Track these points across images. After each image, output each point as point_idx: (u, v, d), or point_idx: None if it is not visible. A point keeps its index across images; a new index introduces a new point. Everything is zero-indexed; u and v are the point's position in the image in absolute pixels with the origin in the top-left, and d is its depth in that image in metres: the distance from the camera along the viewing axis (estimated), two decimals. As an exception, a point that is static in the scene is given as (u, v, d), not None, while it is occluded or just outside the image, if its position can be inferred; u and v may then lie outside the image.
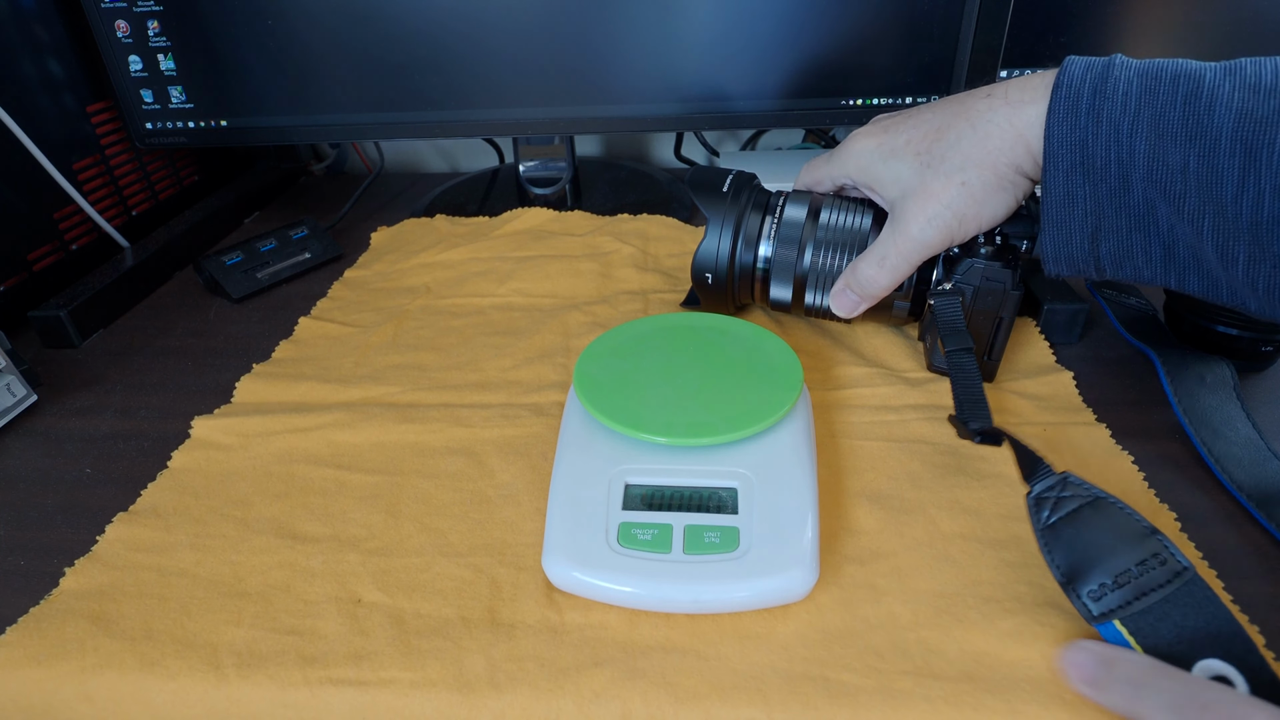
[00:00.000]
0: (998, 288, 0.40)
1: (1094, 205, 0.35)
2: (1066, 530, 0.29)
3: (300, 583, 0.34)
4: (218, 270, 0.58)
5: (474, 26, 0.60)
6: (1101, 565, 0.28)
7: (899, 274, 0.41)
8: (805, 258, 0.44)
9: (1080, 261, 0.37)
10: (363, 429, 0.42)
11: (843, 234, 0.44)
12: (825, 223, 0.44)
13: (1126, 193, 0.34)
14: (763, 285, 0.46)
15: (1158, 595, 0.27)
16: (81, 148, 0.62)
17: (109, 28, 0.61)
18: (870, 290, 0.42)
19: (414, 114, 0.64)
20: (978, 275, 0.40)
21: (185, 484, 0.40)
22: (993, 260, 0.40)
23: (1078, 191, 0.35)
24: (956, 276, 0.41)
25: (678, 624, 0.31)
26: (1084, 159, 0.34)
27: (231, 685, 0.30)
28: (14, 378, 0.46)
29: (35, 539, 0.37)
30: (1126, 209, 0.34)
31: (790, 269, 0.45)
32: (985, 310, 0.41)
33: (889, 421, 0.41)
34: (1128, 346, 0.48)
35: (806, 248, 0.44)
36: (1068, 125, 0.34)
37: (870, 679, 0.29)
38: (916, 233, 0.39)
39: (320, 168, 0.86)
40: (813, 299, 0.45)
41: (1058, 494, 0.30)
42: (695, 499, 0.33)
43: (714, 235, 0.45)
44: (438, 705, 0.29)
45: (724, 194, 0.45)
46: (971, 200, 0.38)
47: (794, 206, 0.45)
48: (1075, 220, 0.35)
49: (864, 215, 0.44)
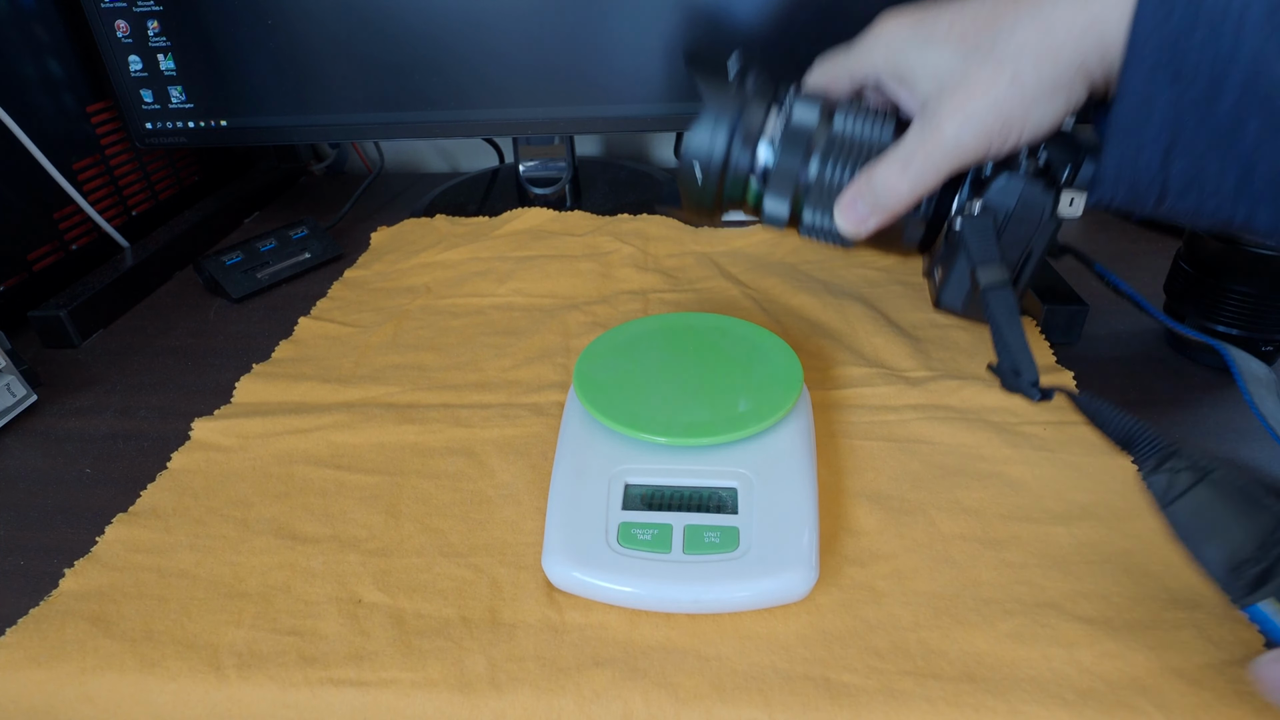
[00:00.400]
0: (1034, 214, 0.35)
1: (1174, 115, 0.30)
2: (1193, 506, 0.27)
3: (300, 583, 0.34)
4: (218, 270, 0.58)
5: (474, 26, 0.60)
6: (1236, 540, 0.26)
7: (923, 183, 0.34)
8: (811, 168, 0.37)
9: (1145, 184, 0.31)
10: (363, 429, 0.42)
11: (859, 145, 0.37)
12: (840, 130, 0.37)
13: (1214, 102, 0.29)
14: (758, 194, 0.39)
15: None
16: (81, 148, 0.62)
17: (109, 28, 0.61)
18: (886, 200, 0.35)
19: (414, 114, 0.64)
20: (1014, 196, 0.34)
21: (185, 484, 0.40)
22: (1034, 179, 0.34)
23: (1158, 96, 0.29)
24: (988, 196, 0.35)
25: (678, 624, 0.31)
26: (1173, 58, 0.29)
27: (232, 686, 0.30)
28: (14, 378, 0.46)
29: (35, 539, 0.37)
30: (1209, 122, 0.29)
31: (792, 180, 0.37)
32: (1014, 241, 0.35)
33: (889, 421, 0.41)
34: (1127, 347, 0.48)
35: (813, 156, 0.37)
36: (1160, 15, 0.29)
37: (871, 679, 0.29)
38: (951, 133, 0.33)
39: (320, 168, 0.86)
40: (813, 218, 0.38)
41: (1174, 466, 0.28)
42: (695, 499, 0.33)
43: (709, 123, 0.37)
44: (438, 705, 0.29)
45: (727, 75, 0.38)
46: (1022, 99, 0.32)
47: (804, 106, 0.38)
48: (1150, 131, 0.30)
49: (887, 125, 0.37)
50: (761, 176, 0.38)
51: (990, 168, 0.35)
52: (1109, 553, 0.33)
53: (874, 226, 0.36)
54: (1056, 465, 0.38)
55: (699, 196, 0.39)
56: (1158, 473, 0.28)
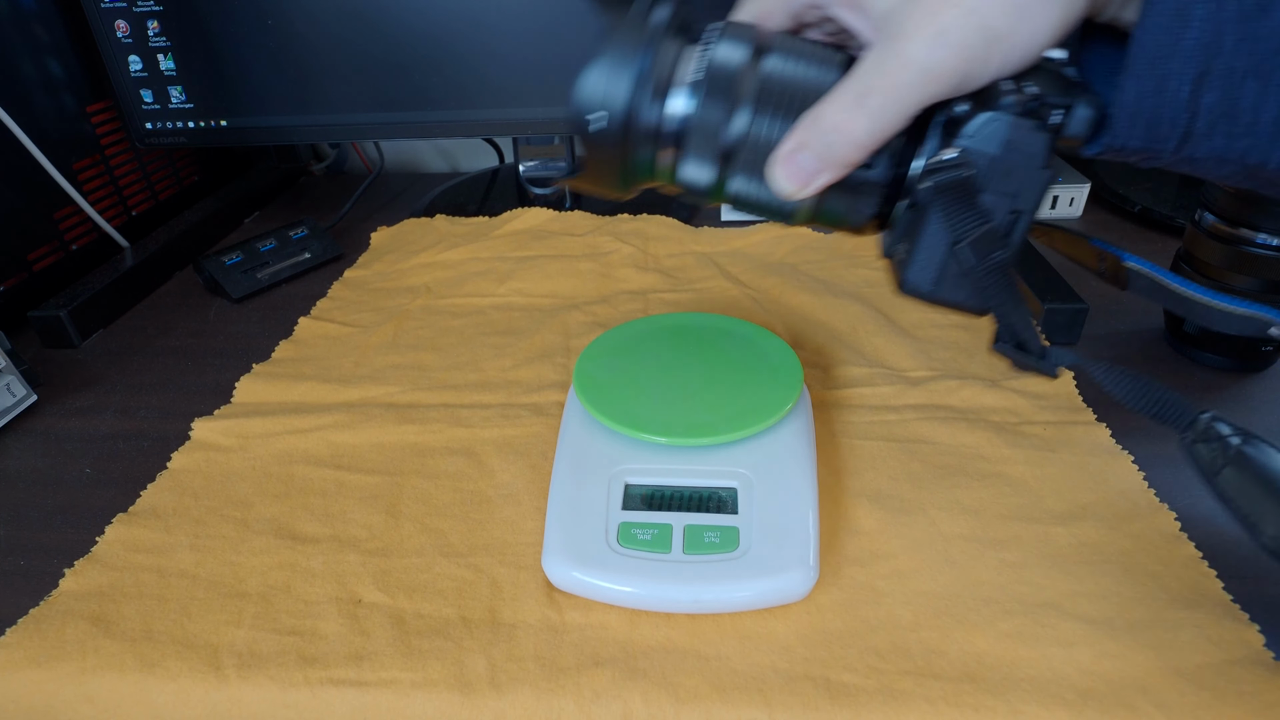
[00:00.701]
0: (1025, 162, 0.27)
1: (1213, 32, 0.24)
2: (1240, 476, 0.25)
3: (300, 583, 0.34)
4: (218, 270, 0.58)
5: (474, 26, 0.60)
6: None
7: (885, 122, 0.27)
8: (738, 121, 0.29)
9: (1169, 121, 0.26)
10: (363, 429, 0.42)
11: (799, 89, 0.29)
12: (773, 71, 0.29)
13: (1265, 15, 0.23)
14: (673, 154, 0.31)
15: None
16: (81, 148, 0.62)
17: (109, 28, 0.61)
18: (838, 147, 0.27)
19: (414, 114, 0.64)
20: (997, 138, 0.27)
21: (185, 485, 0.40)
22: (1023, 117, 0.27)
23: (1196, 10, 0.24)
24: (964, 141, 0.27)
25: (678, 624, 0.31)
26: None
27: (232, 686, 0.30)
28: (14, 378, 0.46)
29: (35, 539, 0.37)
30: (1254, 40, 0.24)
31: (714, 137, 0.30)
32: (1000, 198, 0.28)
33: (889, 421, 0.41)
34: (1127, 347, 0.48)
35: (742, 106, 0.29)
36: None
37: (871, 679, 0.29)
38: (919, 53, 0.25)
39: (320, 168, 0.86)
40: (743, 185, 0.30)
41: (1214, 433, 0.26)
42: (695, 499, 0.33)
43: (608, 64, 0.29)
44: (438, 705, 0.29)
45: (631, 3, 0.30)
46: (1009, 5, 0.25)
47: (730, 44, 0.29)
48: (1181, 54, 0.24)
49: (832, 65, 0.29)
50: (677, 132, 0.30)
51: (966, 105, 0.27)
52: (1109, 553, 0.33)
53: (823, 184, 0.28)
54: (1056, 465, 0.38)
55: (600, 157, 0.31)
56: (1200, 442, 0.26)
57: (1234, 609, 0.31)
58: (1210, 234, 0.43)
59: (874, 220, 0.31)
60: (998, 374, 0.45)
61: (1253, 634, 0.30)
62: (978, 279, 0.28)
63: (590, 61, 0.29)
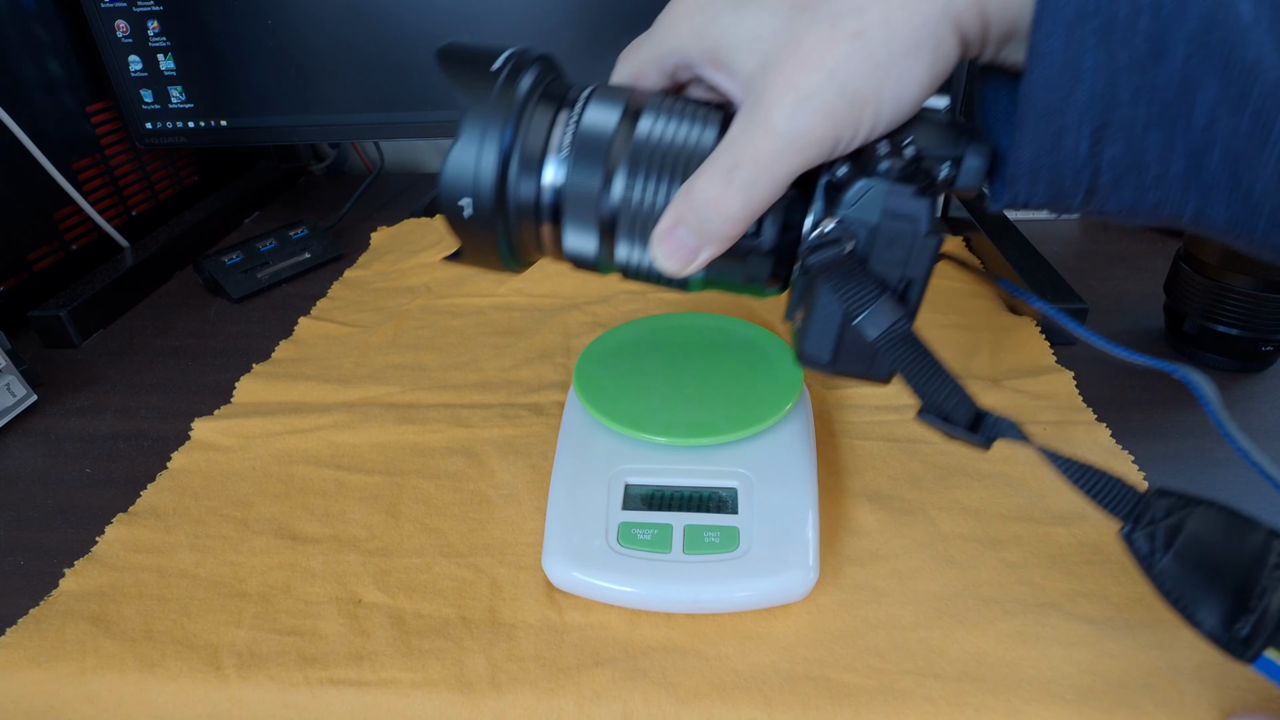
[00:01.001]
0: (906, 229, 0.25)
1: (1106, 83, 0.23)
2: (1178, 564, 0.24)
3: (300, 583, 0.34)
4: (218, 270, 0.58)
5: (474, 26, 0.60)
6: (1229, 590, 0.23)
7: (758, 196, 0.25)
8: (615, 188, 0.28)
9: (1070, 178, 0.25)
10: (363, 429, 0.42)
11: (676, 152, 0.27)
12: (647, 134, 0.28)
13: (1159, 63, 0.22)
14: (553, 228, 0.29)
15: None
16: (81, 148, 0.62)
17: (109, 28, 0.61)
18: (712, 225, 0.26)
19: (414, 114, 0.64)
20: (875, 207, 0.25)
21: (185, 485, 0.40)
22: (901, 183, 0.25)
23: (1085, 60, 0.22)
24: (844, 211, 0.26)
25: (678, 624, 0.31)
26: (1102, 3, 0.22)
27: (232, 686, 0.30)
28: (14, 378, 0.46)
29: (35, 539, 0.37)
30: (1151, 90, 0.22)
31: (592, 205, 0.28)
32: (887, 266, 0.26)
33: (889, 421, 0.41)
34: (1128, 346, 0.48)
35: (616, 172, 0.28)
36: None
37: (871, 679, 0.29)
38: (783, 123, 0.24)
39: (320, 168, 0.86)
40: (629, 253, 0.29)
41: (1154, 518, 0.24)
42: (695, 499, 0.33)
43: (472, 140, 0.28)
44: (438, 705, 0.29)
45: (491, 74, 0.28)
46: (872, 65, 0.23)
47: (600, 106, 0.28)
48: (1075, 107, 0.23)
49: (710, 123, 0.28)
50: (554, 204, 0.29)
51: (845, 168, 0.26)
52: (1109, 553, 0.33)
53: (706, 259, 0.27)
54: (1057, 465, 0.38)
55: (479, 241, 0.30)
56: (1138, 530, 0.24)
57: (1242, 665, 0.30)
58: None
59: (775, 285, 0.30)
60: (999, 374, 0.45)
61: (1253, 634, 0.29)
62: (880, 353, 0.26)
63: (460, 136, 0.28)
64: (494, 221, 0.28)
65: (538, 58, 0.29)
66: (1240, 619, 0.23)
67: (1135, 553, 0.24)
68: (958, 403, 0.26)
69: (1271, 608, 0.22)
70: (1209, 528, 0.24)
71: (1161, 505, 0.24)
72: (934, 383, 0.26)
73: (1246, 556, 0.23)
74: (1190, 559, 0.23)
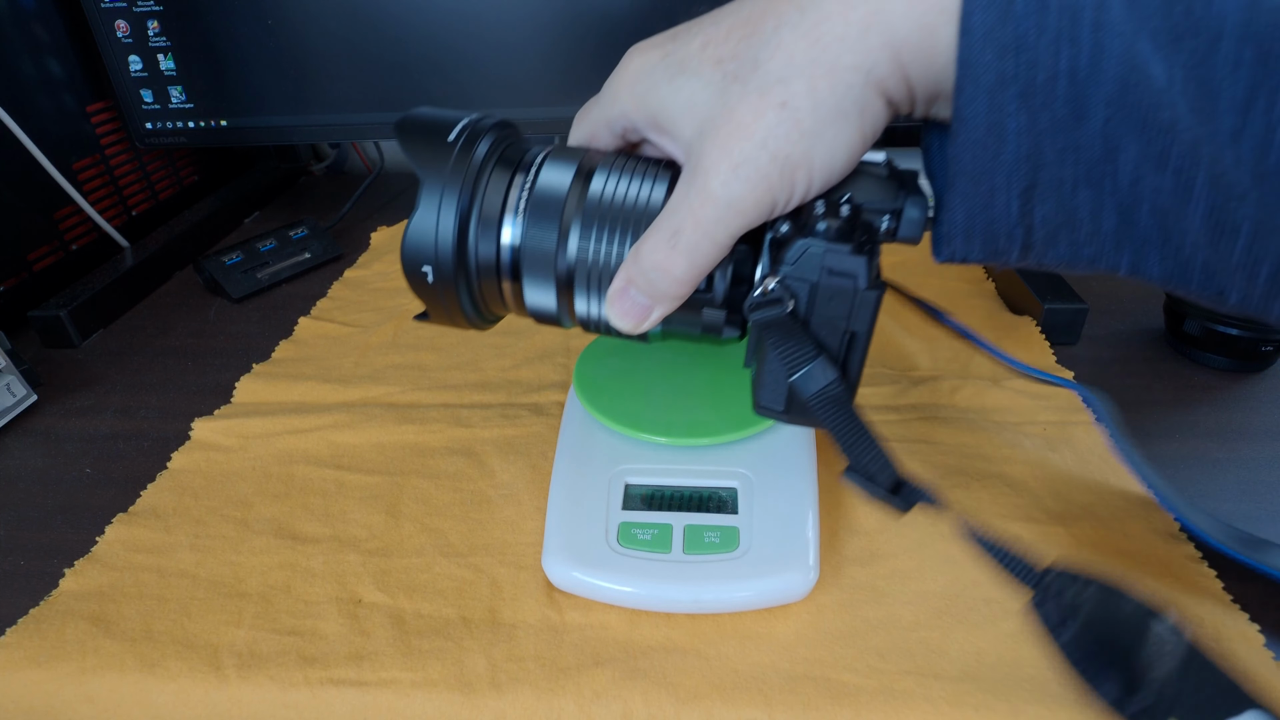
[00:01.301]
0: (845, 285, 0.26)
1: (1031, 145, 0.23)
2: (1081, 636, 0.24)
3: (300, 583, 0.34)
4: (218, 270, 0.58)
5: (474, 26, 0.60)
6: (1125, 664, 0.24)
7: (702, 258, 0.27)
8: (570, 245, 0.29)
9: (1004, 236, 0.25)
10: (363, 429, 0.42)
11: (624, 209, 0.29)
12: (598, 192, 0.29)
13: (1080, 124, 0.23)
14: (514, 285, 0.31)
15: (1179, 679, 0.23)
16: (81, 148, 0.62)
17: (109, 28, 0.61)
18: (661, 286, 0.27)
19: (414, 114, 0.64)
20: (814, 266, 0.26)
21: (185, 485, 0.40)
22: (838, 242, 0.26)
23: (1009, 123, 0.23)
24: (785, 269, 0.27)
25: (678, 624, 0.31)
26: (1021, 68, 0.22)
27: (232, 686, 0.30)
28: (14, 378, 0.46)
29: (35, 539, 0.37)
30: (1076, 150, 0.23)
31: (549, 262, 0.30)
32: (828, 322, 0.27)
33: (889, 421, 0.41)
34: (1127, 347, 0.48)
35: (571, 230, 0.29)
36: (995, 13, 0.22)
37: (871, 679, 0.29)
38: (720, 190, 0.25)
39: (320, 168, 0.86)
40: (587, 307, 0.31)
41: (1057, 592, 0.25)
42: (695, 499, 0.33)
43: (430, 203, 0.29)
44: (439, 705, 0.29)
45: (448, 143, 0.29)
46: (799, 132, 0.24)
47: (555, 168, 0.30)
48: (1003, 168, 0.24)
49: (656, 180, 0.29)
50: (513, 262, 0.30)
51: (786, 226, 0.27)
52: (1109, 553, 0.33)
53: (659, 317, 0.29)
54: (1056, 465, 0.38)
55: (444, 303, 0.31)
56: (1048, 602, 0.25)
57: (1234, 609, 0.31)
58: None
59: (732, 331, 0.31)
60: (999, 374, 0.45)
61: (1253, 633, 0.30)
62: (814, 410, 0.27)
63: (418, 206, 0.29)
64: (455, 284, 0.30)
65: (494, 125, 0.31)
66: (1137, 693, 0.23)
67: (1045, 623, 0.25)
68: (881, 467, 0.27)
69: (1164, 681, 0.23)
70: (1100, 605, 0.24)
71: (1059, 582, 0.25)
72: (860, 446, 0.27)
73: (1133, 633, 0.24)
74: (1089, 633, 0.24)
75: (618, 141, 0.31)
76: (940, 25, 0.23)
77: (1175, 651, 0.23)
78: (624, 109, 0.29)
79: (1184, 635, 0.23)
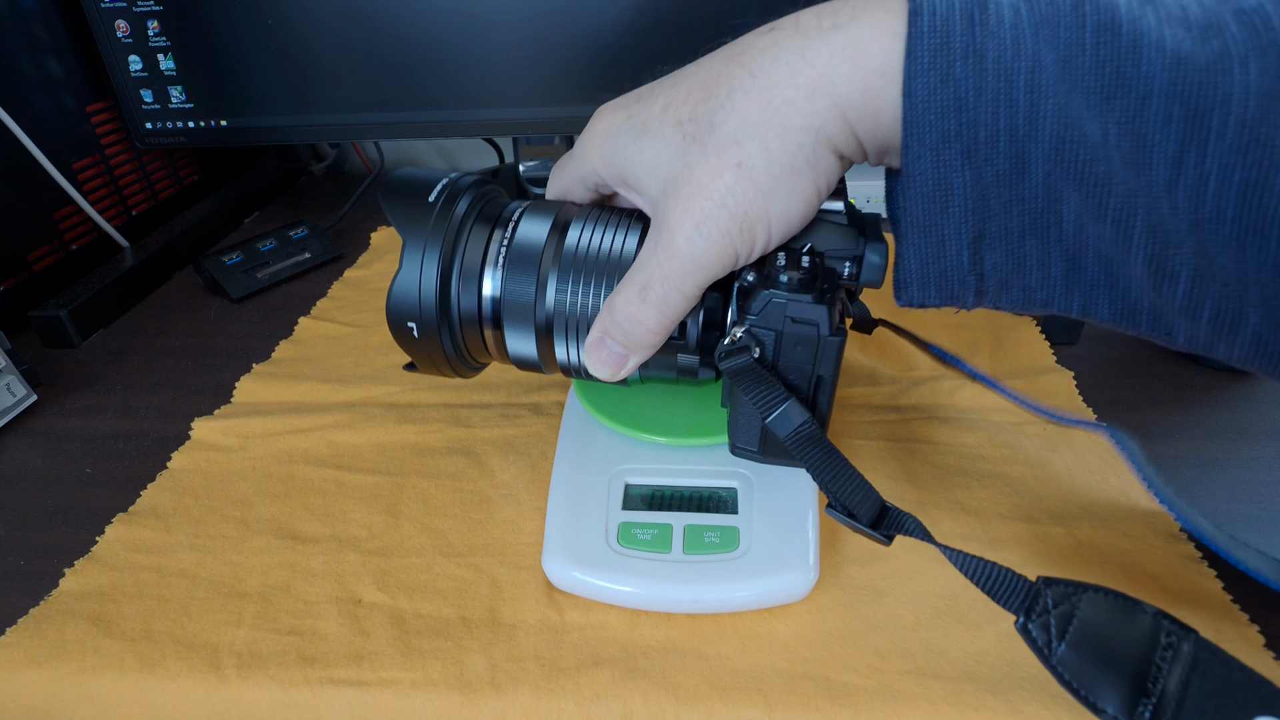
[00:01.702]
0: (809, 333, 0.27)
1: (977, 198, 0.24)
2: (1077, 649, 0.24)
3: (300, 583, 0.34)
4: (218, 270, 0.58)
5: (474, 25, 0.60)
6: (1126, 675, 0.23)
7: (671, 310, 0.28)
8: (548, 295, 0.31)
9: (957, 283, 0.26)
10: (363, 429, 0.42)
11: (599, 260, 0.30)
12: (574, 244, 0.31)
13: (1022, 178, 0.24)
14: (496, 332, 0.32)
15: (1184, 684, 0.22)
16: (81, 148, 0.62)
17: (109, 28, 0.61)
18: (635, 336, 0.29)
19: (414, 114, 0.64)
20: (778, 315, 0.27)
21: (185, 484, 0.40)
22: (799, 292, 0.27)
23: (954, 178, 0.24)
24: (750, 319, 0.28)
25: (678, 624, 0.31)
26: (963, 128, 0.23)
27: (232, 686, 0.30)
28: (14, 378, 0.46)
29: (35, 539, 0.37)
30: (1020, 202, 0.24)
31: (528, 312, 0.31)
32: (795, 367, 0.28)
33: (889, 421, 0.41)
34: (1127, 347, 0.48)
35: (549, 280, 0.31)
36: (936, 76, 0.23)
37: (871, 679, 0.29)
38: (684, 246, 0.27)
39: (320, 168, 0.86)
40: (566, 353, 0.32)
41: (1045, 607, 0.24)
42: (695, 499, 0.33)
43: (413, 262, 0.31)
44: (438, 705, 0.29)
45: (428, 203, 0.31)
46: (756, 190, 0.26)
47: (532, 221, 0.32)
48: (951, 220, 0.25)
49: (627, 231, 0.31)
50: (495, 313, 0.32)
51: (751, 276, 0.28)
52: (1109, 553, 0.33)
53: (635, 365, 0.30)
54: (1056, 465, 0.38)
55: (431, 356, 0.33)
56: (1032, 621, 0.24)
57: (1234, 609, 0.31)
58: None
59: (707, 372, 0.32)
60: (999, 374, 0.45)
61: (1253, 634, 0.30)
62: (791, 449, 0.28)
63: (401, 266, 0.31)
64: (439, 336, 0.32)
65: (473, 183, 0.33)
66: (1140, 703, 0.23)
67: (1032, 643, 0.24)
68: (862, 499, 0.27)
69: (1169, 689, 0.22)
70: (1098, 613, 0.24)
71: (1050, 594, 0.24)
72: (839, 480, 0.27)
73: (1138, 640, 0.23)
74: (1085, 646, 0.24)
75: (591, 195, 0.33)
76: (883, 88, 0.24)
77: (1179, 655, 0.23)
78: (594, 166, 0.30)
79: (1187, 637, 0.23)
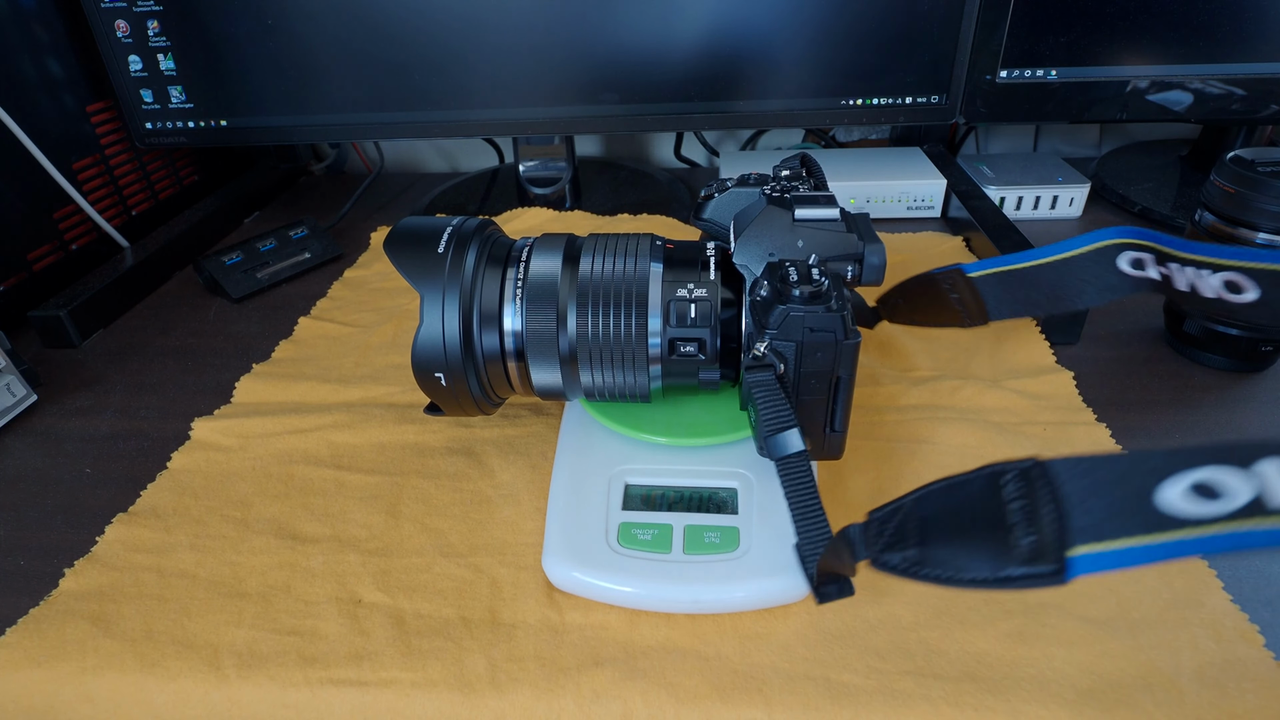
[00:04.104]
0: (827, 339, 0.29)
1: None
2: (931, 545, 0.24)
3: (300, 583, 0.34)
4: (218, 270, 0.58)
5: (474, 26, 0.60)
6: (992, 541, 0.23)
7: None
8: (570, 325, 0.32)
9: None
10: (363, 429, 0.42)
11: (613, 285, 0.32)
12: (587, 273, 0.33)
13: None
14: (520, 365, 0.34)
15: (1055, 499, 0.22)
16: (81, 148, 0.62)
17: (109, 28, 0.61)
18: None
19: (414, 114, 0.64)
20: (796, 328, 0.29)
21: (185, 485, 0.40)
22: (813, 304, 0.29)
23: None
24: (770, 333, 0.30)
25: (678, 624, 0.31)
26: None
27: (232, 686, 0.30)
28: (14, 378, 0.46)
29: (35, 539, 0.37)
30: None
31: (551, 343, 0.33)
32: (816, 372, 0.30)
33: (890, 421, 0.41)
34: (1127, 347, 0.48)
35: (569, 311, 0.32)
36: None
37: (871, 679, 0.29)
38: None
39: (320, 168, 0.86)
40: (593, 379, 0.34)
41: (879, 535, 0.24)
42: (695, 499, 0.33)
43: (434, 314, 0.32)
44: (438, 705, 0.29)
45: (439, 254, 0.33)
46: None
47: (543, 256, 0.33)
48: None
49: (637, 255, 0.33)
50: (518, 348, 0.33)
51: (765, 291, 0.30)
52: (1109, 552, 0.33)
53: None
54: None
55: (458, 399, 0.34)
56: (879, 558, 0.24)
57: (1234, 609, 0.31)
58: (1210, 233, 0.43)
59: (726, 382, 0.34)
60: (999, 374, 0.45)
61: (1253, 634, 0.30)
62: (779, 472, 0.29)
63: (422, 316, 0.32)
64: (466, 382, 0.34)
65: (476, 227, 0.34)
66: (1014, 551, 0.22)
67: (894, 571, 0.24)
68: (813, 552, 0.28)
69: (1042, 521, 0.22)
70: (933, 508, 0.24)
71: (875, 524, 0.25)
72: (807, 524, 0.28)
73: (986, 506, 0.23)
74: (939, 537, 0.23)
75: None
76: None
77: (1032, 483, 0.23)
78: None
79: (1028, 470, 0.23)
